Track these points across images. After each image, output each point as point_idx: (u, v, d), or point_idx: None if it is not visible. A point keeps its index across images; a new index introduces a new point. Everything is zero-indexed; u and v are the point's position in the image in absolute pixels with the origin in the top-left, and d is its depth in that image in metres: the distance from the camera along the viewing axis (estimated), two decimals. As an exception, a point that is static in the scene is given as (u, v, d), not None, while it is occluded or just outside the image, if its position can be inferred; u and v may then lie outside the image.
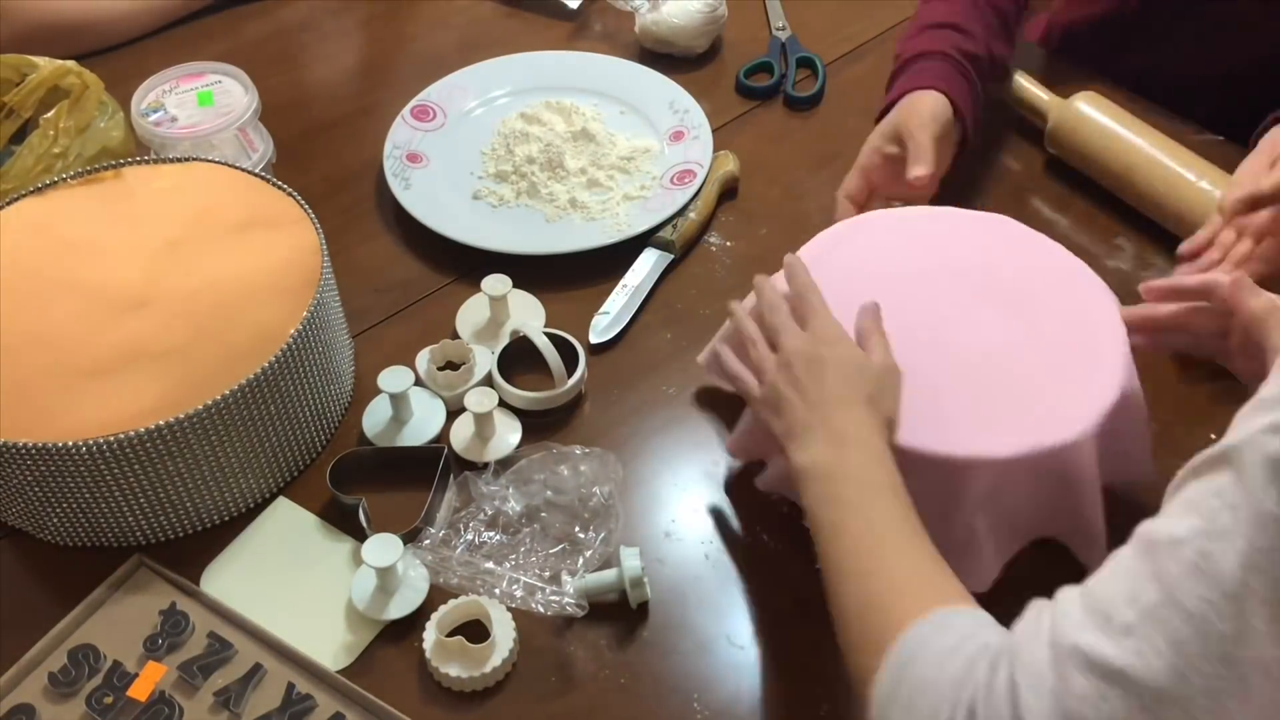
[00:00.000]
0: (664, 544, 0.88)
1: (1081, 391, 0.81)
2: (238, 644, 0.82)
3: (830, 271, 0.87)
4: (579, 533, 0.85)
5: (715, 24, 1.31)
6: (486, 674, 0.79)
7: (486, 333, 1.02)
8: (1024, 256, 0.91)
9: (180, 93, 1.12)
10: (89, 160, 1.02)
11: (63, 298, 0.90)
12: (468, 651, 0.79)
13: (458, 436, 0.93)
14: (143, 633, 0.82)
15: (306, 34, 1.38)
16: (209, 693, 0.79)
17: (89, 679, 0.80)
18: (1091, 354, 0.84)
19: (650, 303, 1.06)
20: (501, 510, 0.87)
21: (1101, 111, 1.13)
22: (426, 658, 0.80)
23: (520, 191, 1.15)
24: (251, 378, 0.84)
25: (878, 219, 0.96)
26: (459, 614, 0.82)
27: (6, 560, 0.89)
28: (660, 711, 0.79)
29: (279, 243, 0.94)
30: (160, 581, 0.86)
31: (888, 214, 0.97)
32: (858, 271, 0.90)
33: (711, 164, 1.15)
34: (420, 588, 0.84)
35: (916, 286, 0.89)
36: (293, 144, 1.21)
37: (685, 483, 0.92)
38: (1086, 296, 0.88)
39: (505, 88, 1.26)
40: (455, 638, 0.79)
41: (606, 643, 0.83)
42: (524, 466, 0.89)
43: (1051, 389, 0.82)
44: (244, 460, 0.87)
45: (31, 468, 0.81)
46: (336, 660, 0.81)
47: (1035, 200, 1.15)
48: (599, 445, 0.91)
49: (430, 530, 0.86)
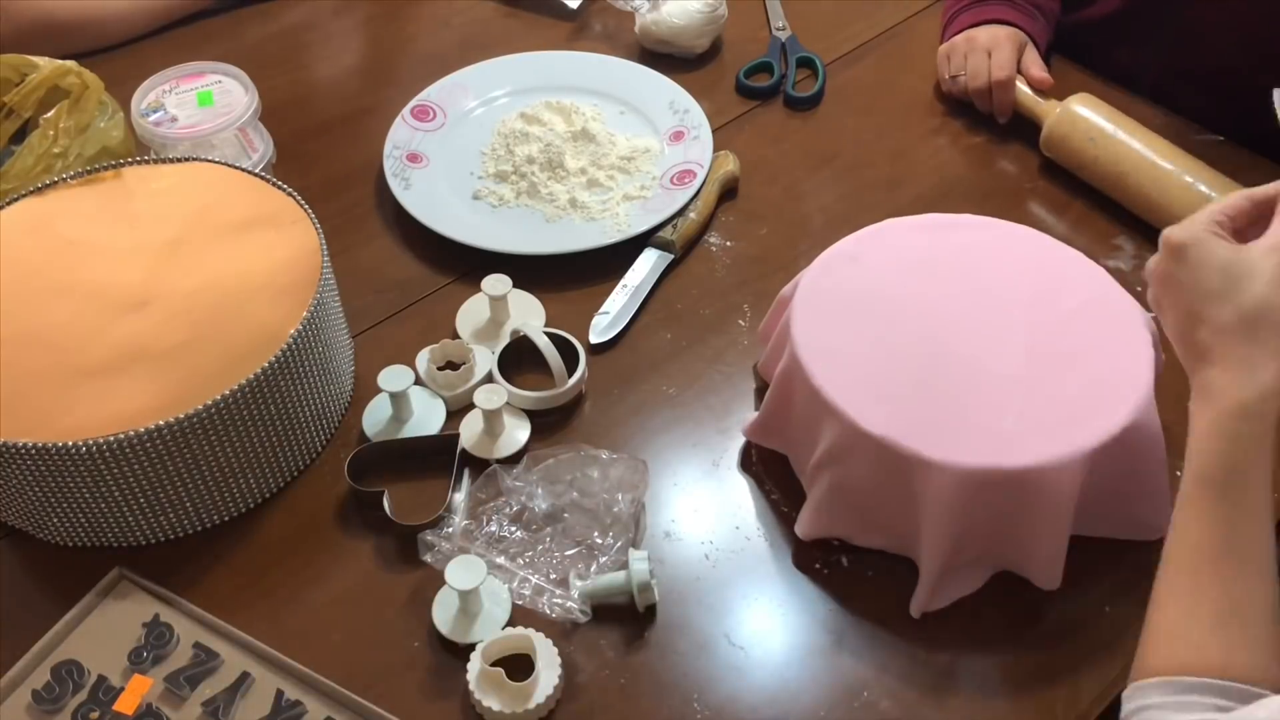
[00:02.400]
0: (664, 544, 0.88)
1: (1074, 422, 0.80)
2: (224, 653, 0.81)
3: (850, 277, 0.87)
4: (597, 538, 0.85)
5: (715, 24, 1.31)
6: (529, 710, 0.77)
7: (486, 333, 1.02)
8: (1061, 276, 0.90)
9: (180, 93, 1.12)
10: (89, 160, 1.02)
11: (63, 298, 0.90)
12: (507, 687, 0.77)
13: (466, 433, 0.93)
14: (126, 646, 0.81)
15: (307, 34, 1.38)
16: (197, 703, 0.79)
17: (74, 695, 0.79)
18: (1102, 385, 0.82)
19: (650, 303, 1.06)
20: (528, 507, 0.87)
21: (1096, 113, 1.13)
22: (470, 689, 0.78)
23: (520, 191, 1.15)
24: (251, 378, 0.84)
25: (901, 225, 0.95)
26: (506, 645, 0.80)
27: (6, 560, 0.89)
28: (660, 711, 0.79)
29: (279, 243, 0.94)
30: (142, 593, 0.85)
31: (911, 221, 0.96)
32: (877, 279, 0.90)
33: (711, 164, 1.15)
34: (504, 609, 0.82)
35: (932, 296, 0.88)
36: (293, 144, 1.21)
37: (685, 483, 0.92)
38: (1118, 326, 0.86)
39: (505, 88, 1.26)
40: (496, 669, 0.77)
41: (606, 642, 0.83)
42: (553, 466, 0.89)
43: (1051, 411, 0.80)
44: (244, 460, 0.87)
45: (31, 468, 0.81)
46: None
47: (1033, 202, 1.15)
48: (598, 445, 0.91)
49: (454, 519, 0.86)
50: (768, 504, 0.91)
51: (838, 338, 0.86)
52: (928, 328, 0.86)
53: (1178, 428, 0.70)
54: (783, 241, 1.12)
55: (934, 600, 0.83)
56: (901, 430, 0.79)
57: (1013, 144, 1.21)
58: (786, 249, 1.11)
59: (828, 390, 0.82)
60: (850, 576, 0.86)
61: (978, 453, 0.78)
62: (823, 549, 0.88)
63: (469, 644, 0.81)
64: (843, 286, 0.90)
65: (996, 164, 1.20)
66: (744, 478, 0.93)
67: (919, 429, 0.79)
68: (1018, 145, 1.21)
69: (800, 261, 1.08)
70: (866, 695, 0.80)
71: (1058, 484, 0.78)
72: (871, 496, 0.83)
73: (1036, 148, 1.18)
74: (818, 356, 0.84)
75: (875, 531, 0.86)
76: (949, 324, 0.87)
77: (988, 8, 1.24)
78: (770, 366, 0.92)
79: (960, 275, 0.90)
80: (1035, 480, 0.78)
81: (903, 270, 0.91)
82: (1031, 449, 0.78)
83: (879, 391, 0.82)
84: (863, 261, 0.92)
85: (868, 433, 0.80)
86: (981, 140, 1.22)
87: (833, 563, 0.87)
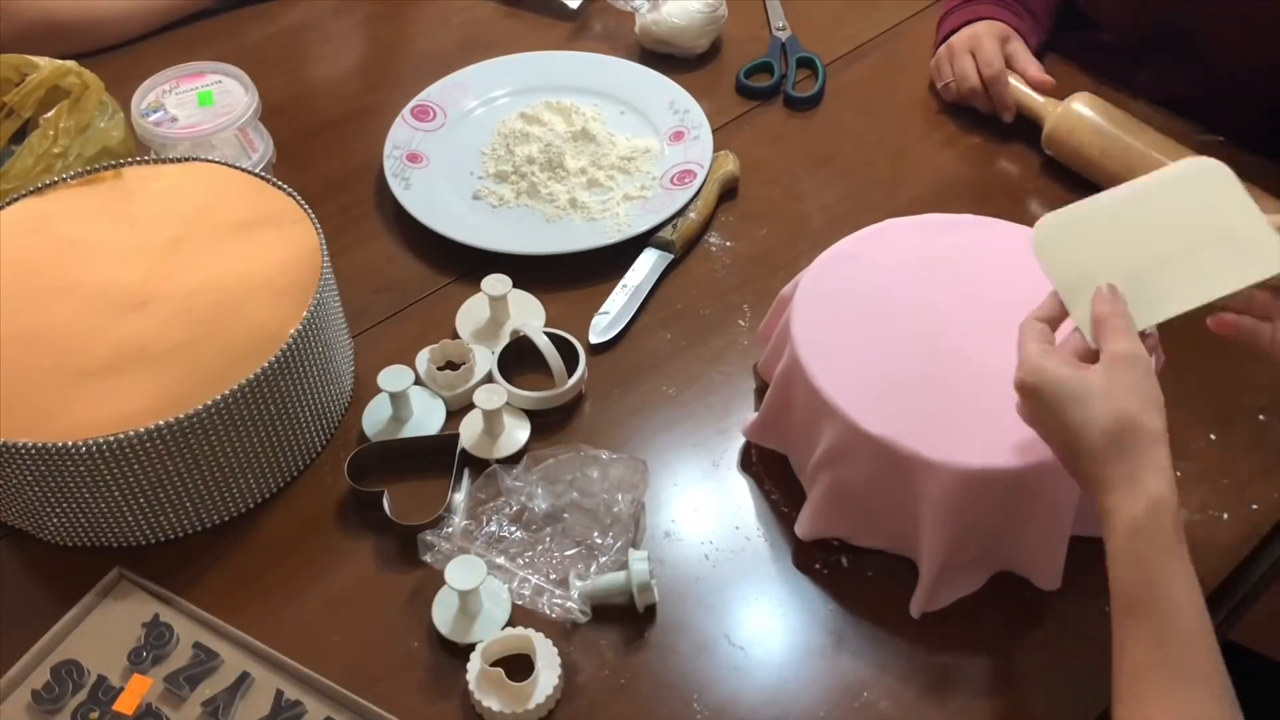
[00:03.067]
0: (664, 544, 0.88)
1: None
2: (223, 653, 0.81)
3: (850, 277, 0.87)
4: (597, 538, 0.85)
5: (715, 24, 1.31)
6: (529, 710, 0.77)
7: (486, 333, 1.02)
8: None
9: (180, 93, 1.12)
10: (89, 160, 1.02)
11: (63, 298, 0.90)
12: (506, 687, 0.77)
13: (466, 433, 0.94)
14: (126, 645, 0.81)
15: (307, 34, 1.38)
16: (196, 703, 0.79)
17: (73, 695, 0.79)
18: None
19: (650, 303, 1.06)
20: (528, 507, 0.87)
21: (1098, 113, 1.13)
22: (470, 688, 0.78)
23: (520, 191, 1.15)
24: (251, 378, 0.84)
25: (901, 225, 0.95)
26: (506, 645, 0.80)
27: (6, 560, 0.89)
28: (660, 711, 0.79)
29: (279, 243, 0.94)
30: (141, 593, 0.85)
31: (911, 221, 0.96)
32: (877, 279, 0.90)
33: (711, 164, 1.15)
34: (503, 609, 0.83)
35: (932, 297, 0.88)
36: (293, 144, 1.21)
37: (685, 483, 0.92)
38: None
39: (505, 88, 1.26)
40: (496, 669, 0.77)
41: (606, 642, 0.83)
42: (553, 466, 0.89)
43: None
44: (244, 460, 0.87)
45: (31, 468, 0.81)
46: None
47: (1033, 202, 1.15)
48: (599, 445, 0.91)
49: (453, 519, 0.86)
50: (768, 504, 0.91)
51: (838, 338, 0.86)
52: (928, 328, 0.86)
53: (1177, 428, 0.70)
54: (783, 241, 1.12)
55: (934, 600, 0.83)
56: (901, 430, 0.79)
57: (1013, 144, 1.21)
58: (786, 249, 1.11)
59: (828, 390, 0.82)
60: (850, 576, 0.86)
61: (978, 453, 0.78)
62: (822, 549, 0.88)
63: (469, 644, 0.81)
64: (843, 287, 0.90)
65: (996, 164, 1.20)
66: (744, 478, 0.93)
67: (919, 429, 0.79)
68: (1018, 145, 1.21)
69: (800, 261, 1.08)
70: (866, 695, 0.80)
71: (1057, 484, 0.78)
72: (871, 496, 0.83)
73: (1037, 148, 1.18)
74: (818, 356, 0.84)
75: (875, 532, 0.86)
76: (949, 324, 0.87)
77: (975, 6, 1.24)
78: (770, 367, 0.92)
79: (960, 275, 0.90)
80: (1035, 480, 0.78)
81: (903, 270, 0.91)
82: (1031, 449, 0.78)
83: (879, 391, 0.82)
84: (863, 261, 0.92)
85: (868, 433, 0.80)
86: (981, 140, 1.22)
87: (832, 563, 0.87)
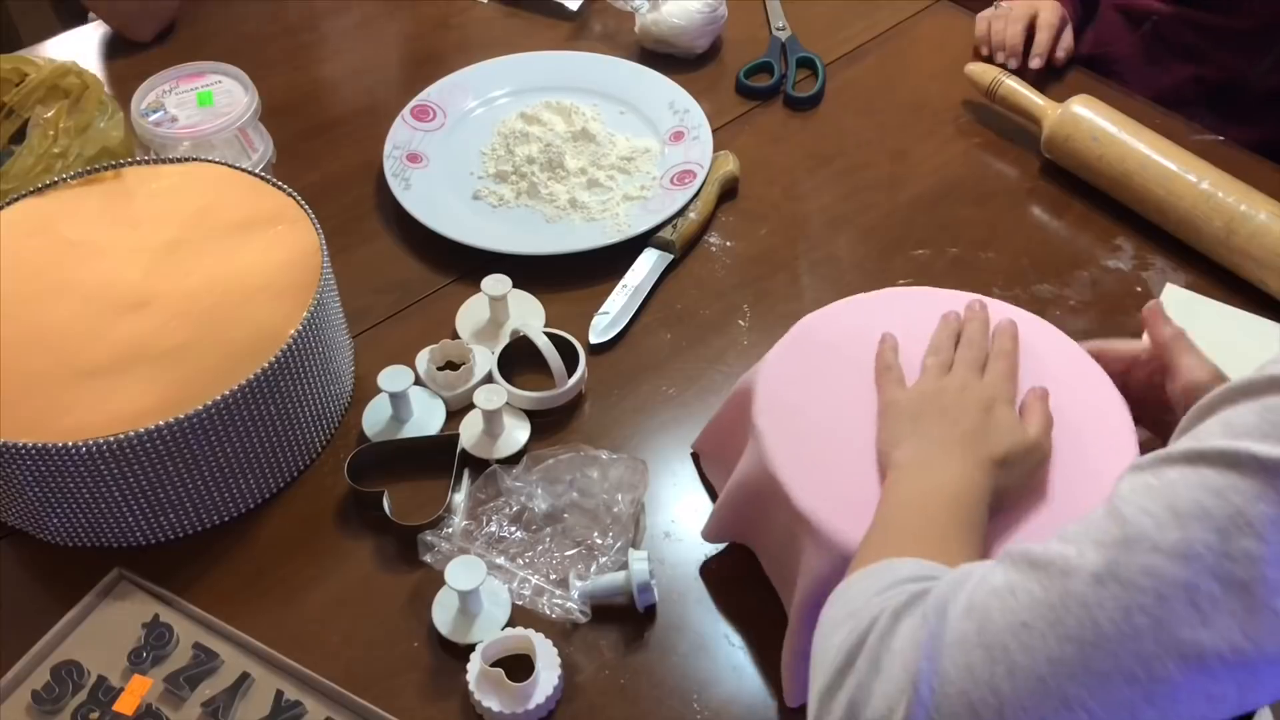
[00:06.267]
0: (664, 544, 0.88)
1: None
2: (223, 654, 0.81)
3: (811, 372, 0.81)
4: (597, 538, 0.85)
5: (715, 24, 1.31)
6: (529, 710, 0.77)
7: (486, 333, 1.02)
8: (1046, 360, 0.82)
9: (180, 93, 1.12)
10: (89, 160, 1.02)
11: (63, 298, 0.90)
12: (506, 687, 0.77)
13: (466, 433, 0.94)
14: (126, 646, 0.81)
15: (306, 34, 1.38)
16: (196, 704, 0.79)
17: (73, 695, 0.79)
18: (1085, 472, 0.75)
19: (650, 303, 1.06)
20: (528, 507, 0.87)
21: (1097, 114, 1.13)
22: (470, 689, 0.78)
23: (520, 191, 1.15)
24: (251, 378, 0.84)
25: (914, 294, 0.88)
26: (506, 646, 0.80)
27: (6, 560, 0.89)
28: (660, 711, 0.79)
29: (279, 243, 0.94)
30: (141, 594, 0.85)
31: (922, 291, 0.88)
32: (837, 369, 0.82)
33: (711, 164, 1.15)
34: (503, 609, 0.83)
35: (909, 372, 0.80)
36: (293, 144, 1.21)
37: (685, 483, 0.92)
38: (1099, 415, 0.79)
39: (505, 88, 1.26)
40: (496, 669, 0.77)
41: (606, 642, 0.83)
42: (553, 466, 0.89)
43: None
44: (244, 460, 0.87)
45: (31, 468, 0.81)
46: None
47: (1033, 203, 1.15)
48: (599, 445, 0.91)
49: (453, 519, 0.86)
50: (768, 504, 0.91)
51: (810, 447, 0.77)
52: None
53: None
54: (783, 241, 1.12)
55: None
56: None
57: (1013, 144, 1.21)
58: (786, 249, 1.11)
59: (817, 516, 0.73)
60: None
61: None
62: (822, 549, 0.88)
63: (469, 644, 0.81)
64: (808, 379, 0.81)
65: (996, 164, 1.20)
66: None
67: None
68: (1018, 146, 1.21)
69: (800, 261, 1.08)
70: (866, 695, 0.80)
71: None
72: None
73: (1036, 148, 1.18)
74: (796, 474, 0.75)
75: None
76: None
77: None
78: (718, 455, 0.87)
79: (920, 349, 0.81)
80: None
81: (865, 351, 0.82)
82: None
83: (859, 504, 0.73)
84: (825, 349, 0.83)
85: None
86: (981, 140, 1.22)
87: (832, 563, 0.87)
